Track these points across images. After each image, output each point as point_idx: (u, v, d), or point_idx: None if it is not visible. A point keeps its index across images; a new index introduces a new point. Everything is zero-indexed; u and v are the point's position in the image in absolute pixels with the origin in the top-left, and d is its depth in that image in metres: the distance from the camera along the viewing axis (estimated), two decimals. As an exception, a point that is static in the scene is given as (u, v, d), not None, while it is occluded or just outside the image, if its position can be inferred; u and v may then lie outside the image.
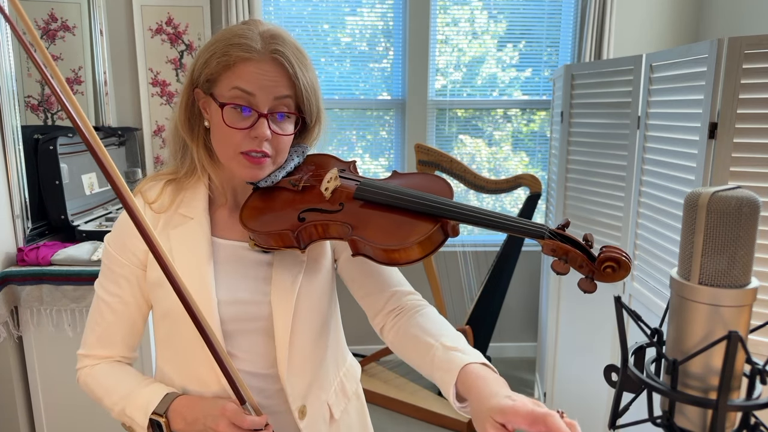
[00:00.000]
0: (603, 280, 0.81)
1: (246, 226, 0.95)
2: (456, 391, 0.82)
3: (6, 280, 1.97)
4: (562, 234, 0.85)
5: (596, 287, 0.81)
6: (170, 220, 1.00)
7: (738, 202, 0.59)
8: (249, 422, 0.89)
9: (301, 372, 1.01)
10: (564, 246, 0.83)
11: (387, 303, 1.01)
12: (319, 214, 0.94)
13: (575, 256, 0.82)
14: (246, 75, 0.90)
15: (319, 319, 1.03)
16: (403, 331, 0.96)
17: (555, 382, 2.48)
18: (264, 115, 0.91)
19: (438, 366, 0.86)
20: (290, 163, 1.02)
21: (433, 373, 0.88)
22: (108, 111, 2.89)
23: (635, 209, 1.95)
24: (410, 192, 0.91)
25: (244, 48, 0.90)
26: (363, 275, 1.04)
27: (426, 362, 0.89)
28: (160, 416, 0.94)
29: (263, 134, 0.91)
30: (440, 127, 3.32)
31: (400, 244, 0.86)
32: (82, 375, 1.04)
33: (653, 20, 3.16)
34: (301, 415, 1.01)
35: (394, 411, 2.90)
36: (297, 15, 3.15)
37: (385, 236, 0.87)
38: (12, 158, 2.04)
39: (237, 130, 0.91)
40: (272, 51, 0.90)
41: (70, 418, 2.13)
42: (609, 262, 0.79)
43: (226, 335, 0.97)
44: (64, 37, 2.74)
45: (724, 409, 0.59)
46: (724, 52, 1.43)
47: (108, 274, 1.02)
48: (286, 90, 0.92)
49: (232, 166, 0.95)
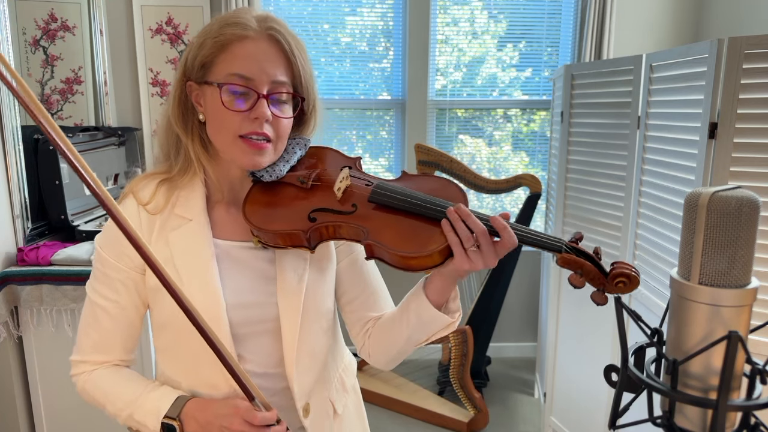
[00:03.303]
0: (613, 292, 0.84)
1: (251, 223, 0.92)
2: (428, 298, 0.92)
3: (6, 280, 1.97)
4: (577, 248, 0.86)
5: (607, 300, 0.84)
6: (167, 221, 0.96)
7: (738, 202, 0.59)
8: (260, 418, 0.89)
9: (307, 370, 1.00)
10: (579, 260, 0.84)
11: (368, 322, 1.04)
12: (331, 215, 0.92)
13: (589, 269, 0.84)
14: (242, 55, 0.89)
15: (326, 318, 1.03)
16: (373, 336, 1.03)
17: (555, 382, 2.48)
18: (264, 96, 0.89)
19: (406, 308, 0.96)
20: (294, 156, 0.99)
21: (409, 318, 0.95)
22: (108, 111, 2.89)
23: (635, 209, 1.94)
24: (426, 198, 0.90)
25: (240, 26, 0.89)
26: (355, 289, 1.04)
27: (397, 325, 0.97)
28: (174, 420, 0.93)
29: (263, 114, 0.89)
30: (440, 127, 3.32)
31: (419, 251, 0.85)
32: (80, 381, 1.01)
33: (653, 20, 3.16)
34: (305, 413, 1.01)
35: (394, 411, 2.90)
36: (297, 15, 3.15)
37: (403, 242, 0.87)
38: (12, 158, 2.04)
39: (236, 113, 0.89)
40: (268, 29, 0.90)
41: (70, 418, 2.13)
42: (621, 278, 0.82)
43: (236, 339, 0.95)
44: (64, 37, 2.74)
45: (724, 409, 0.59)
46: (724, 52, 1.43)
47: (102, 279, 0.98)
48: (284, 70, 0.91)
49: (232, 153, 0.92)
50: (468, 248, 0.84)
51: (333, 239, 0.94)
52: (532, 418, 2.87)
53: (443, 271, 0.89)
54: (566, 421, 2.42)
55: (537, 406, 2.98)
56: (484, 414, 2.74)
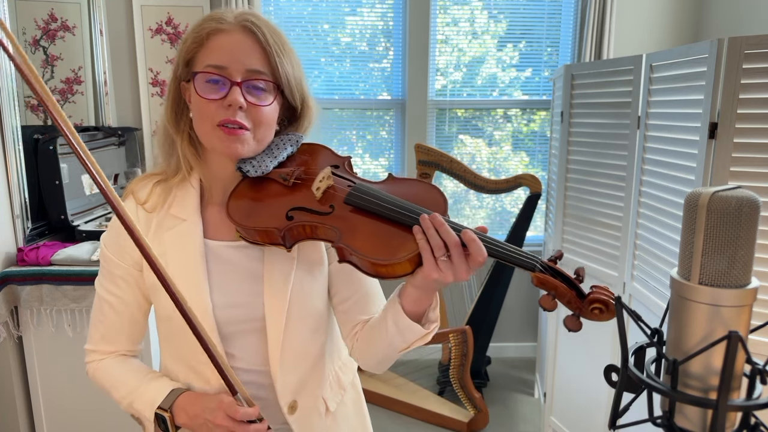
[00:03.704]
0: (589, 318, 0.80)
1: (231, 218, 0.92)
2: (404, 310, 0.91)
3: (6, 280, 1.97)
4: (554, 268, 0.82)
5: (581, 326, 0.80)
6: (163, 221, 0.99)
7: (738, 202, 0.59)
8: (242, 413, 0.93)
9: (293, 369, 1.02)
10: (554, 281, 0.81)
11: (357, 325, 1.04)
12: (308, 215, 0.91)
13: (564, 292, 0.81)
14: (217, 47, 0.91)
15: (313, 317, 1.03)
16: (360, 340, 1.03)
17: (555, 382, 2.48)
18: (237, 83, 0.90)
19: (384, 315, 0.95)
20: (283, 152, 0.99)
21: (387, 325, 0.94)
22: (108, 111, 2.89)
23: (635, 209, 1.95)
24: (402, 204, 0.88)
25: (216, 21, 0.92)
26: (346, 290, 1.04)
27: (378, 331, 0.96)
28: (165, 411, 0.98)
29: (236, 101, 0.90)
30: (440, 127, 3.32)
31: (388, 259, 0.84)
32: (91, 369, 1.08)
33: (653, 20, 3.16)
34: (290, 410, 1.03)
35: (394, 411, 2.90)
36: (297, 15, 3.15)
37: (373, 248, 0.85)
38: (12, 158, 2.04)
39: (210, 101, 0.91)
40: (243, 20, 0.92)
41: (70, 418, 2.13)
42: (597, 304, 0.79)
43: (223, 337, 0.98)
44: (64, 37, 2.74)
45: (724, 409, 0.59)
46: (724, 52, 1.43)
47: (106, 275, 1.04)
48: (259, 60, 0.92)
49: (212, 141, 0.93)
50: (438, 257, 0.82)
51: (311, 239, 0.93)
52: (532, 418, 2.87)
53: (413, 280, 0.88)
54: (566, 421, 2.42)
55: (537, 406, 2.98)
56: (484, 414, 2.74)
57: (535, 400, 3.04)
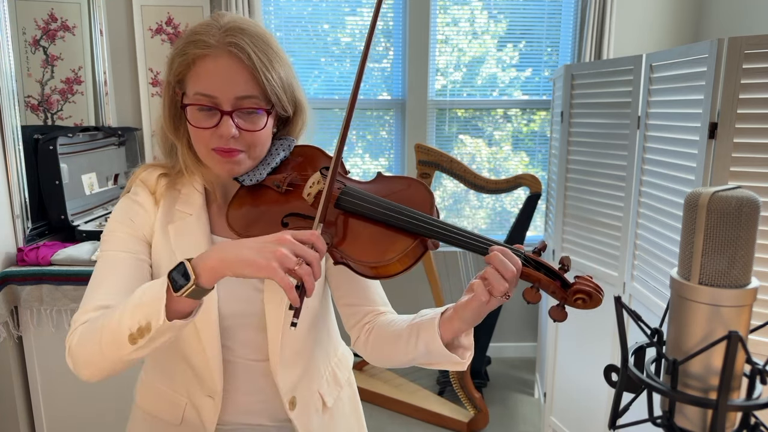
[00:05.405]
0: (573, 307, 0.81)
1: (233, 229, 0.94)
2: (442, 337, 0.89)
3: (6, 280, 1.97)
4: (536, 260, 0.83)
5: (566, 316, 0.80)
6: (168, 213, 1.00)
7: (738, 202, 0.59)
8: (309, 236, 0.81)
9: (292, 364, 1.03)
10: (536, 273, 0.82)
11: (365, 317, 1.05)
12: (302, 220, 0.92)
13: (547, 283, 0.81)
14: (204, 73, 0.90)
15: (311, 315, 1.05)
16: (374, 340, 1.02)
17: (555, 382, 2.48)
18: (227, 113, 0.90)
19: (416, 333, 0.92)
20: (275, 158, 1.00)
21: (417, 345, 0.92)
22: (108, 111, 2.89)
23: (635, 209, 1.95)
24: (390, 205, 0.89)
25: (199, 45, 0.90)
26: (348, 286, 1.06)
27: (403, 343, 0.94)
28: (183, 263, 0.80)
29: (227, 132, 0.90)
30: (440, 127, 3.32)
31: (379, 261, 0.85)
32: (76, 335, 0.88)
33: (653, 20, 3.16)
34: (291, 405, 1.04)
35: (394, 411, 2.90)
36: (297, 15, 3.15)
37: (364, 251, 0.86)
38: (12, 158, 2.04)
39: (204, 129, 0.91)
40: (228, 44, 0.89)
41: (70, 418, 2.13)
42: (580, 294, 0.79)
43: (224, 330, 0.99)
44: (64, 37, 2.74)
45: (724, 409, 0.59)
46: (724, 52, 1.43)
47: (116, 240, 0.96)
48: (248, 85, 0.91)
49: (209, 163, 0.96)
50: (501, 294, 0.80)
51: None
52: (532, 418, 2.87)
53: (463, 314, 0.86)
54: (566, 421, 2.42)
55: (537, 406, 2.98)
56: (484, 414, 2.74)
57: (535, 400, 3.04)
